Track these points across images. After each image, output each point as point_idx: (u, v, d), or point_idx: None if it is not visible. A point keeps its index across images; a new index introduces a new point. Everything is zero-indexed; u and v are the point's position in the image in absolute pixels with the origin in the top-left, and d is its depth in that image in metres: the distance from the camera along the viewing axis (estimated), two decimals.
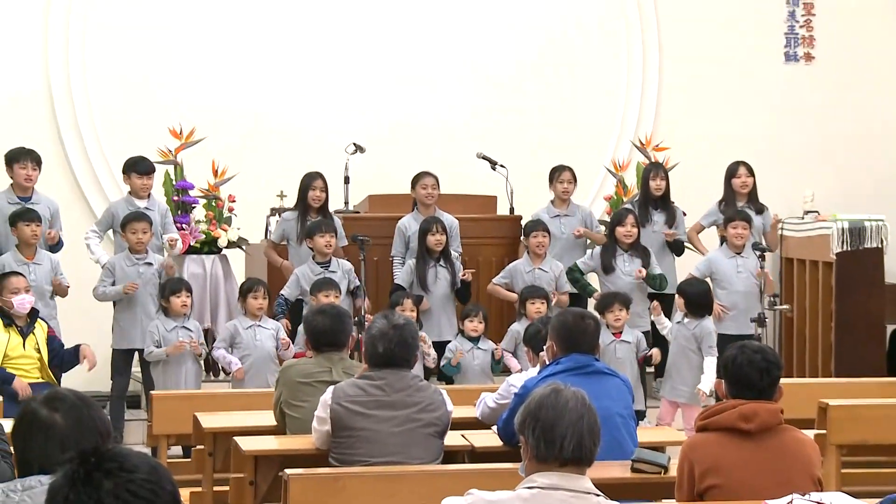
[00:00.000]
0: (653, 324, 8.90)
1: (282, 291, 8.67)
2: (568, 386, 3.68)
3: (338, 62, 11.27)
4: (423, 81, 11.41)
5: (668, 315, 8.78)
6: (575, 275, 9.12)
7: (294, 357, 7.73)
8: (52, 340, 7.86)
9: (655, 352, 8.38)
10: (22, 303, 7.70)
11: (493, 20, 11.59)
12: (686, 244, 9.79)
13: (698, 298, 8.36)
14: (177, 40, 10.94)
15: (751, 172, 9.63)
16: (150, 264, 8.55)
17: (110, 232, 9.17)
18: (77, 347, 7.85)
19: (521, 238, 9.35)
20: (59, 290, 8.41)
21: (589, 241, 9.69)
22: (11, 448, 3.77)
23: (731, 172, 9.67)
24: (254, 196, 9.94)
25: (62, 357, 7.87)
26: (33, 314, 7.82)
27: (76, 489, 2.43)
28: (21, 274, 7.90)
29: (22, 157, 8.69)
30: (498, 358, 8.51)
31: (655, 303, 8.57)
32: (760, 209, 9.61)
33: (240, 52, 11.10)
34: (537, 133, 11.44)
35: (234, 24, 11.09)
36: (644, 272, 8.94)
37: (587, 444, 3.57)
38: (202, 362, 8.54)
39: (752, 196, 9.62)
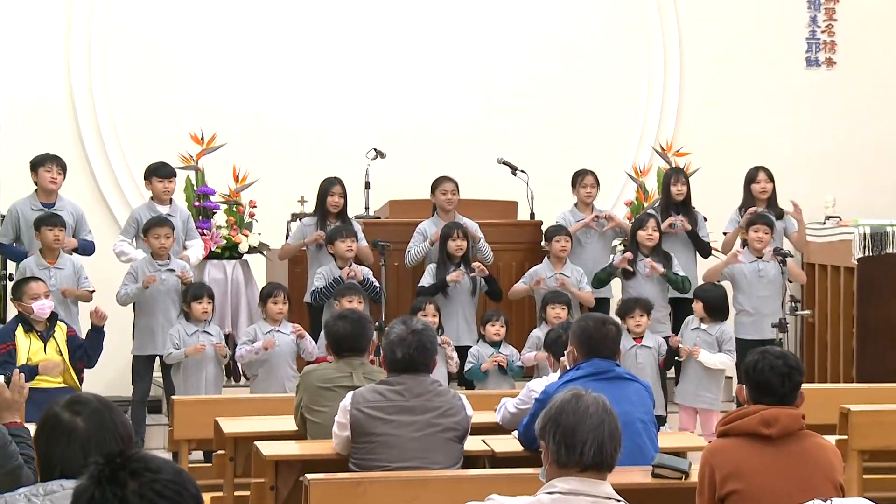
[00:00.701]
0: (674, 329, 8.88)
1: (315, 286, 8.64)
2: (589, 391, 3.68)
3: (358, 67, 11.29)
4: (442, 86, 11.42)
5: (682, 319, 8.79)
6: (600, 276, 9.12)
7: (316, 361, 7.76)
8: (73, 340, 7.89)
9: (675, 339, 8.39)
10: (42, 308, 7.71)
11: (513, 24, 11.59)
12: (716, 251, 9.73)
13: (717, 302, 8.41)
14: (198, 46, 10.98)
15: (770, 178, 9.57)
16: (172, 270, 8.57)
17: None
18: (92, 327, 7.87)
19: (543, 243, 9.34)
20: (82, 297, 8.44)
21: (612, 246, 9.66)
22: (34, 453, 3.79)
23: (751, 178, 9.62)
24: (274, 201, 9.97)
25: (85, 347, 7.86)
26: (52, 317, 7.85)
27: (101, 488, 2.45)
28: (40, 279, 7.92)
29: (47, 161, 8.74)
30: (504, 365, 8.48)
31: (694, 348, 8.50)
32: (780, 214, 9.55)
33: (261, 58, 11.13)
34: (558, 138, 11.43)
35: (255, 30, 11.12)
36: (658, 267, 8.91)
37: (608, 450, 3.56)
38: (223, 367, 8.56)
39: (772, 201, 9.56)
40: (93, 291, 8.50)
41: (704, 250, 9.58)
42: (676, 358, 8.46)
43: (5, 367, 7.36)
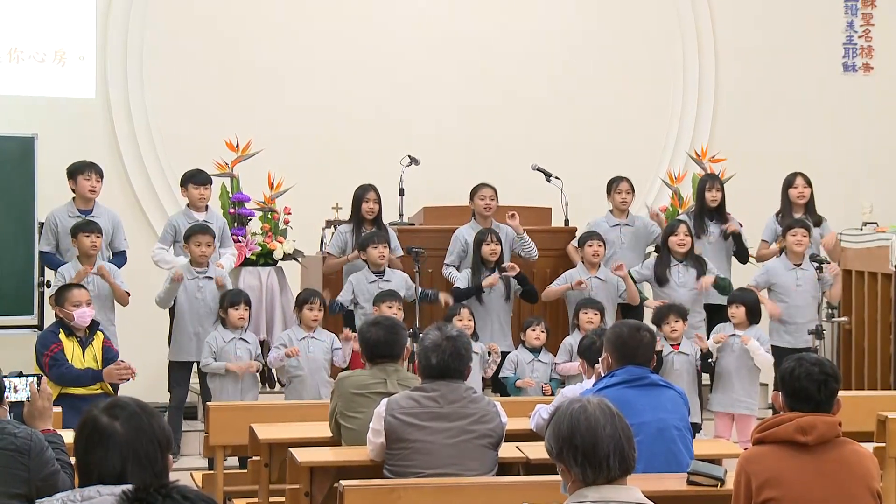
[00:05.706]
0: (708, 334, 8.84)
1: (338, 297, 8.75)
2: (589, 400, 3.63)
3: (392, 74, 11.31)
4: (476, 92, 11.43)
5: (712, 326, 8.77)
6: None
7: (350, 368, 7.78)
8: (108, 351, 7.93)
9: (703, 344, 8.33)
10: (83, 316, 7.78)
11: (547, 32, 11.59)
12: (753, 259, 9.68)
13: (756, 305, 8.51)
14: (234, 53, 11.04)
15: (808, 183, 9.51)
16: (210, 278, 8.61)
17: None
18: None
19: (575, 246, 9.30)
20: (119, 295, 8.48)
21: (647, 253, 9.64)
22: (72, 458, 3.80)
23: (788, 183, 9.56)
24: (309, 208, 9.99)
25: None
26: (93, 325, 7.91)
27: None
28: (84, 287, 7.98)
29: (86, 169, 8.81)
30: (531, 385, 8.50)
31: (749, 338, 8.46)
32: (818, 221, 9.48)
33: (295, 65, 11.17)
34: (592, 144, 11.42)
35: (289, 36, 11.17)
36: (707, 281, 8.88)
37: (629, 455, 3.53)
38: (258, 374, 8.59)
39: (810, 207, 9.50)
40: (128, 294, 8.55)
41: (744, 255, 9.52)
42: (709, 361, 8.41)
43: (62, 365, 7.55)
